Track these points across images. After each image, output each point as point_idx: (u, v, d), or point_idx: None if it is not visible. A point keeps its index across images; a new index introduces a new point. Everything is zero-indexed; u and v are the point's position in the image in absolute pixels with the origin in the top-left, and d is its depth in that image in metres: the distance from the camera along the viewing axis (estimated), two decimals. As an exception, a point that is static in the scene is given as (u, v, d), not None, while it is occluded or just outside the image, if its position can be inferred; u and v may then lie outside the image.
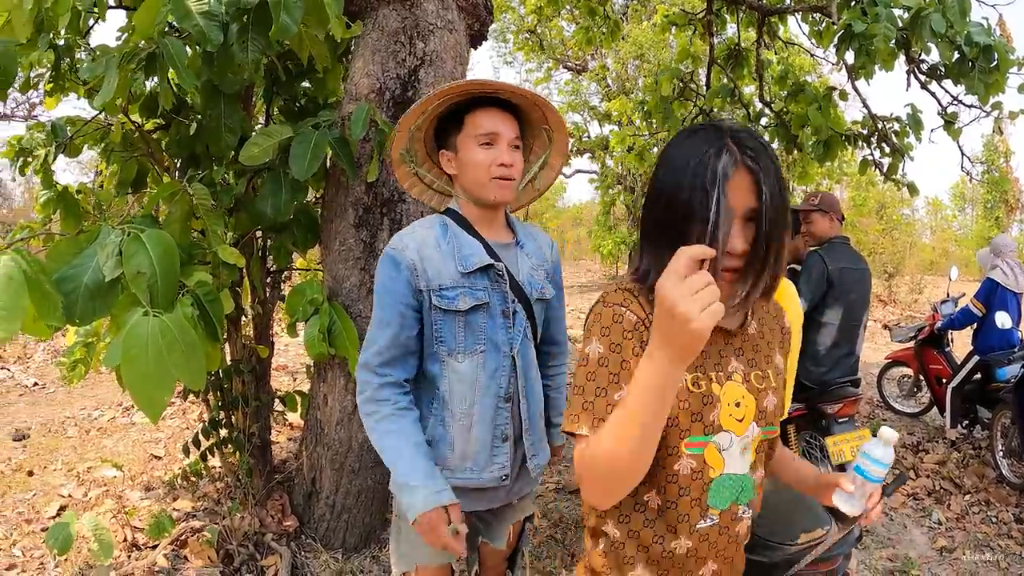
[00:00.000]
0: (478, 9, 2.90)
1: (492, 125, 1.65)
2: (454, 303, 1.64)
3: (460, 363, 1.68)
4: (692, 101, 6.44)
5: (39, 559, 3.28)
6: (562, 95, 19.62)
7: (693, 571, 1.25)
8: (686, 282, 0.88)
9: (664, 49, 14.48)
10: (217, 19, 2.02)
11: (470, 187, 1.69)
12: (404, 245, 1.66)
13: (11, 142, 3.07)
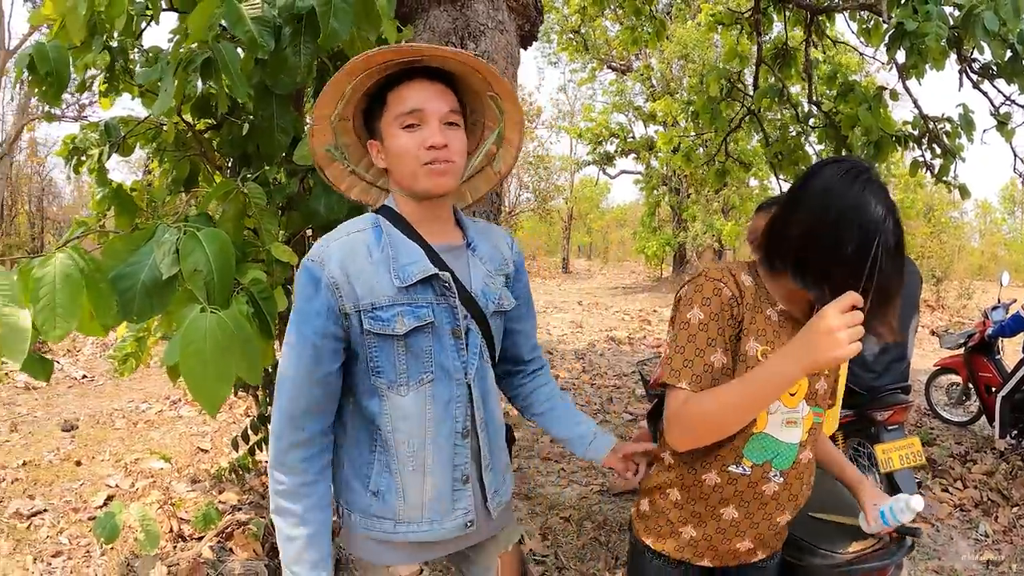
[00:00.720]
0: (528, 9, 2.90)
1: (415, 100, 1.35)
2: (389, 326, 1.34)
3: (403, 397, 1.38)
4: (740, 101, 6.37)
5: (85, 547, 3.37)
6: (606, 95, 19.63)
7: (716, 508, 1.44)
8: (846, 317, 1.13)
9: (709, 49, 14.36)
10: (269, 24, 2.02)
11: (401, 179, 1.40)
12: (325, 256, 1.34)
13: (66, 141, 3.15)
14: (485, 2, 2.72)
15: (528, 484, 4.04)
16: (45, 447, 4.84)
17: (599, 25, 14.96)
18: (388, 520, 1.42)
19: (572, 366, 7.55)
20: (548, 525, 3.55)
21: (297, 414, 1.35)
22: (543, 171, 24.40)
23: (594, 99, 23.01)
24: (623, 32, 7.04)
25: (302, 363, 1.34)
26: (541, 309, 12.22)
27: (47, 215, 18.77)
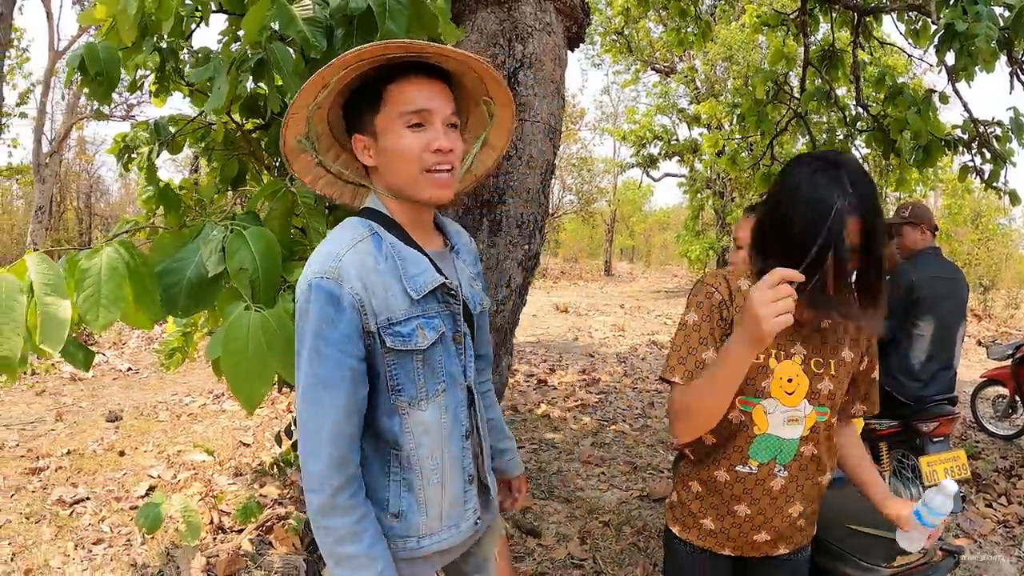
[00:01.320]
0: (575, 11, 2.88)
1: (424, 99, 1.27)
2: (412, 340, 1.28)
3: (424, 412, 1.33)
4: (786, 104, 6.28)
5: (126, 536, 3.44)
6: (650, 97, 19.50)
7: (729, 504, 1.55)
8: (770, 292, 1.17)
9: (754, 50, 14.17)
10: (321, 25, 2.03)
11: (398, 182, 1.32)
12: (342, 271, 1.23)
13: (117, 140, 3.22)
14: (532, 4, 2.70)
15: (568, 487, 4.02)
16: (89, 437, 4.95)
17: (642, 27, 14.87)
18: (412, 538, 1.37)
19: (613, 369, 7.51)
20: (587, 529, 3.53)
21: (343, 453, 1.25)
22: (586, 173, 24.31)
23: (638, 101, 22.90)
24: (668, 33, 6.98)
25: (341, 395, 1.23)
26: (583, 312, 12.17)
27: (95, 211, 19.27)
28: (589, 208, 24.85)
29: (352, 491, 1.26)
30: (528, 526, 3.45)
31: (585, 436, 4.97)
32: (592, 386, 6.47)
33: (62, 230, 16.98)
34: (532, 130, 2.63)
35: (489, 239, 2.59)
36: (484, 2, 2.67)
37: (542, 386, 6.45)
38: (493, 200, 2.60)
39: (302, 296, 1.24)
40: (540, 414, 5.49)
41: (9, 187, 18.49)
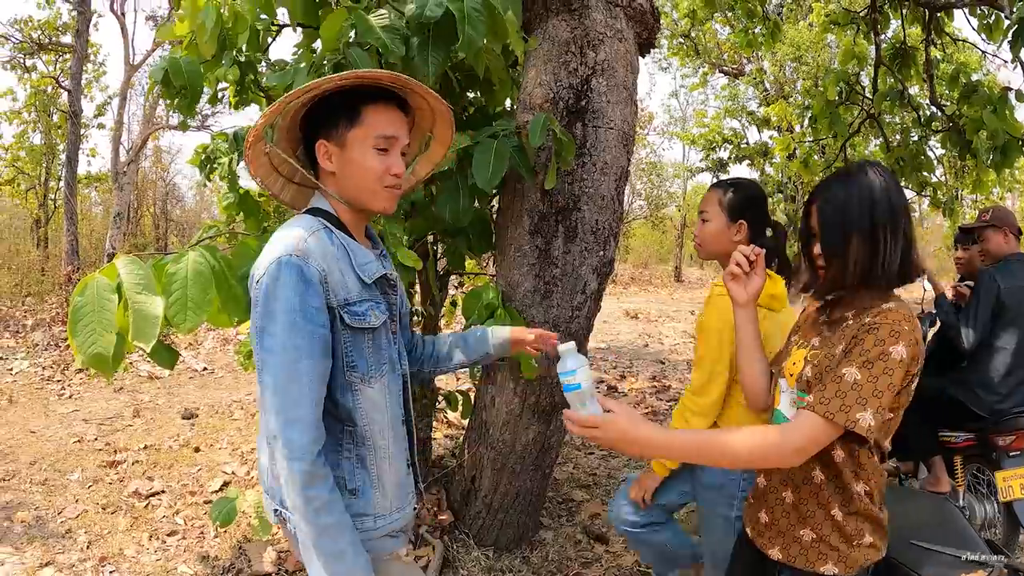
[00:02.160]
0: (645, 17, 2.87)
1: (394, 128, 1.44)
2: (366, 319, 1.41)
3: (372, 388, 1.44)
4: (858, 105, 6.12)
5: (199, 528, 3.55)
6: (719, 100, 19.19)
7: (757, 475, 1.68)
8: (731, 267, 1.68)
9: (823, 50, 13.83)
10: (399, 32, 2.09)
11: (352, 192, 1.45)
12: (308, 250, 1.34)
13: (198, 150, 3.35)
14: (603, 11, 2.71)
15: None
16: (165, 433, 5.12)
17: (709, 29, 14.65)
18: (368, 516, 1.44)
19: (684, 376, 7.40)
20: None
21: (315, 421, 1.33)
22: (655, 178, 24.05)
23: (706, 104, 22.52)
24: (737, 35, 6.88)
25: (313, 364, 1.32)
26: (654, 318, 12.04)
27: (170, 217, 20.10)
28: (659, 213, 24.53)
29: (325, 459, 1.34)
30: (596, 532, 3.43)
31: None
32: (662, 393, 6.39)
33: (139, 235, 17.70)
34: (606, 136, 2.63)
35: (564, 245, 2.61)
36: (555, 10, 2.69)
37: (612, 392, 6.40)
38: (568, 207, 2.62)
39: (269, 274, 1.32)
40: (610, 420, 5.45)
41: (88, 195, 19.35)
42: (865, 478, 1.49)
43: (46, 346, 7.80)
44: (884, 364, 1.35)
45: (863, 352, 1.37)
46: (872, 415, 1.34)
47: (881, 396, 1.35)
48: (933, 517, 1.74)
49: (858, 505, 1.49)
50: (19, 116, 16.08)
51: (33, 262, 12.96)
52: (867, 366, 1.36)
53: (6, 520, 3.59)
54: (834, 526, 1.50)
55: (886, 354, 1.35)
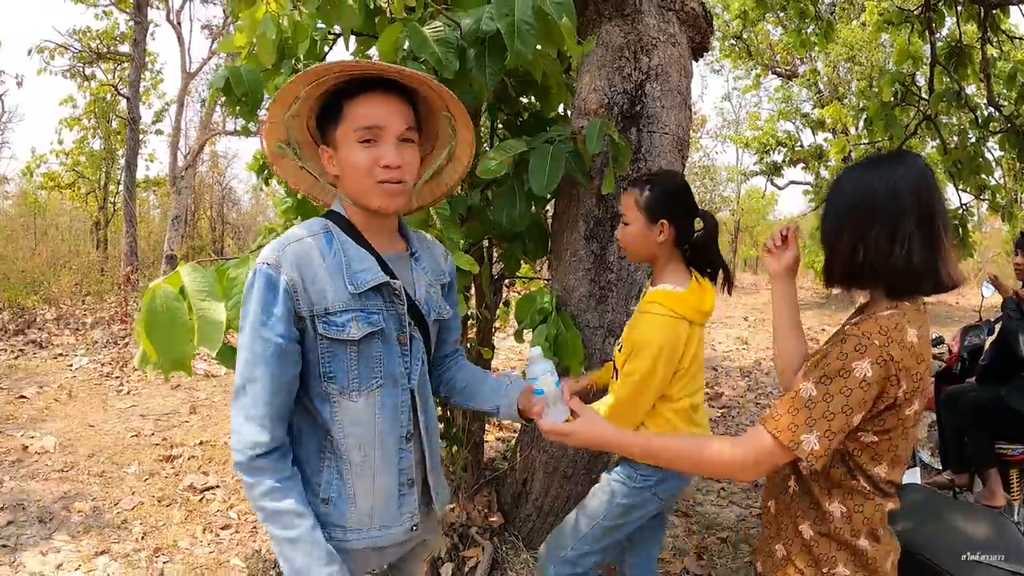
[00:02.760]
0: (698, 20, 2.86)
1: (375, 116, 1.35)
2: (344, 331, 1.35)
3: (355, 403, 1.40)
4: (914, 106, 5.98)
5: (252, 523, 3.64)
6: (772, 102, 18.84)
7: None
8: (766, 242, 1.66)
9: (877, 49, 13.53)
10: (453, 45, 2.11)
11: (352, 192, 1.40)
12: (280, 259, 1.33)
13: (256, 156, 3.43)
14: (655, 15, 2.71)
15: (687, 502, 3.97)
16: (221, 430, 5.25)
17: (761, 30, 14.45)
18: (339, 527, 1.42)
19: (736, 384, 7.32)
20: (704, 544, 3.48)
21: (267, 422, 1.32)
22: (709, 182, 23.64)
23: (759, 107, 22.16)
24: (790, 35, 6.77)
25: (269, 370, 1.31)
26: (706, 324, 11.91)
27: (227, 220, 20.58)
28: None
29: (275, 457, 1.33)
30: (645, 537, 3.44)
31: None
32: (714, 400, 6.33)
33: (196, 237, 18.15)
34: (660, 142, 2.63)
35: (620, 250, 2.61)
36: (608, 16, 2.70)
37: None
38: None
39: (248, 280, 1.35)
40: (661, 426, 5.43)
41: (146, 198, 19.92)
42: (840, 498, 1.37)
43: (105, 343, 8.07)
44: (843, 382, 1.24)
45: (823, 366, 1.27)
46: (818, 439, 1.24)
47: (832, 419, 1.24)
48: (987, 531, 1.70)
49: (830, 527, 1.38)
50: (79, 122, 16.62)
51: (93, 263, 13.39)
52: (824, 382, 1.25)
53: (64, 510, 3.74)
54: (802, 545, 1.41)
55: (847, 371, 1.24)
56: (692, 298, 1.96)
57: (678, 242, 2.01)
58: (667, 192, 1.99)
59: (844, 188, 1.38)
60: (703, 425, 2.12)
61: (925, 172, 1.33)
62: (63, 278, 11.53)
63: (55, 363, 7.19)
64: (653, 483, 2.03)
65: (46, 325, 8.94)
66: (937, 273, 1.32)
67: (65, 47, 14.48)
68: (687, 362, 1.96)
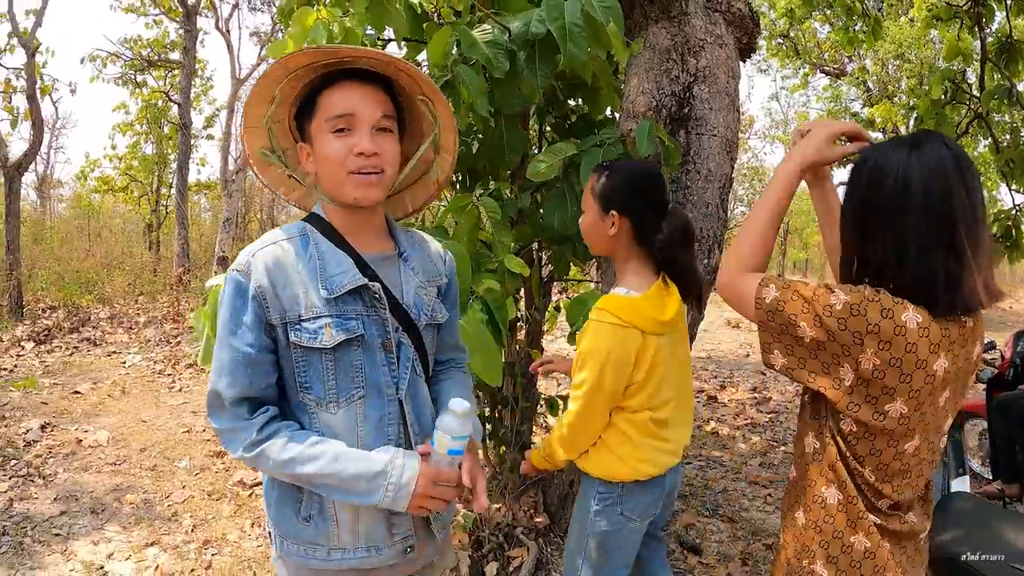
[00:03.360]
0: (745, 21, 2.84)
1: (347, 103, 1.28)
2: (316, 338, 1.26)
3: (334, 415, 1.30)
4: (965, 104, 5.83)
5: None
6: (821, 101, 18.50)
7: None
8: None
9: (927, 46, 13.22)
10: (502, 47, 2.13)
11: (328, 187, 1.33)
12: (250, 265, 1.27)
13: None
14: (702, 17, 2.70)
15: (733, 507, 3.93)
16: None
17: (808, 28, 14.20)
18: (322, 547, 1.34)
19: (785, 388, 7.22)
20: (749, 551, 3.44)
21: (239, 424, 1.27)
22: (757, 183, 23.28)
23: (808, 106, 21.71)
24: (837, 32, 6.67)
25: (239, 379, 1.25)
26: (754, 328, 11.79)
27: (276, 222, 21.02)
28: None
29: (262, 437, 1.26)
30: (690, 543, 3.41)
31: (753, 456, 4.83)
32: (763, 405, 6.26)
33: (247, 239, 18.55)
34: (709, 144, 2.62)
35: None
36: (654, 18, 2.70)
37: (712, 403, 6.32)
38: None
39: (223, 286, 1.31)
40: (709, 431, 5.38)
41: (198, 201, 20.44)
42: (840, 485, 1.26)
43: (157, 342, 8.29)
44: (820, 287, 1.22)
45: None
46: (776, 292, 1.25)
47: (800, 289, 1.23)
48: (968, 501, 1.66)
49: (818, 513, 1.29)
50: (132, 128, 17.11)
51: (145, 264, 13.78)
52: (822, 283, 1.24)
53: (116, 501, 3.86)
54: (793, 534, 1.35)
55: (831, 288, 1.21)
56: (646, 305, 1.74)
57: (639, 239, 1.80)
58: (623, 181, 1.80)
59: (858, 172, 1.26)
60: (673, 440, 1.88)
61: (942, 161, 1.16)
62: (116, 278, 11.90)
63: (109, 360, 7.41)
64: (615, 501, 1.86)
65: (100, 323, 9.22)
66: (957, 286, 1.15)
67: (117, 55, 14.91)
68: (642, 374, 1.75)
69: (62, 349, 7.77)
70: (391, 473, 1.26)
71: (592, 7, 2.00)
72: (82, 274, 11.67)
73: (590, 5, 2.00)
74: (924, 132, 1.21)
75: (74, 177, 20.63)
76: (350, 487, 1.26)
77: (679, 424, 1.91)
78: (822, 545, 1.29)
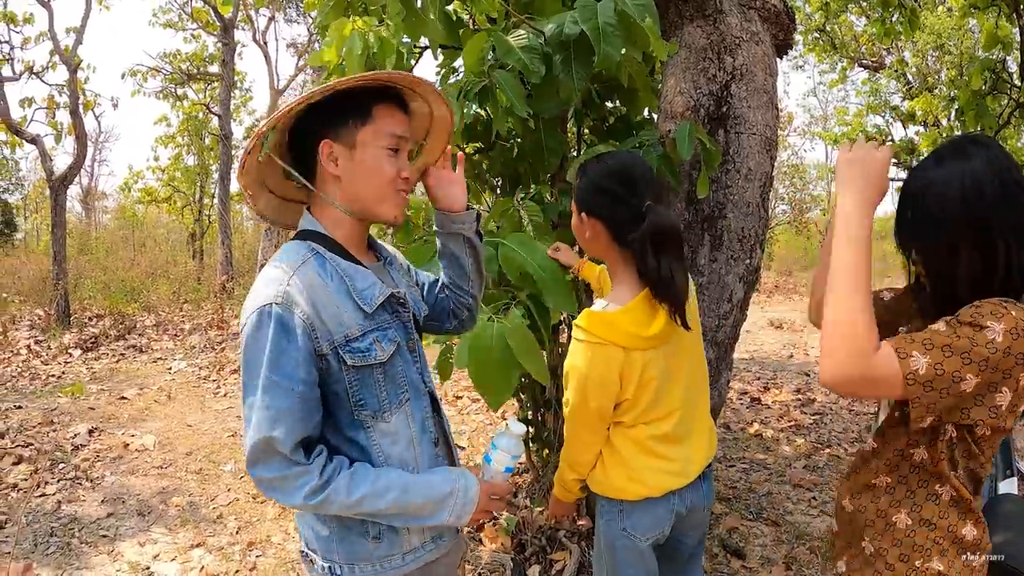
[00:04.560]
0: (780, 17, 2.81)
1: (403, 128, 1.32)
2: (371, 355, 1.27)
3: (389, 423, 1.32)
4: (1006, 94, 5.70)
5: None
6: (860, 96, 18.12)
7: None
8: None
9: (966, 36, 12.90)
10: (538, 52, 2.14)
11: (361, 198, 1.30)
12: (290, 296, 1.20)
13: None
14: (737, 15, 2.68)
15: (777, 510, 3.88)
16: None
17: (844, 21, 13.97)
18: (396, 556, 1.35)
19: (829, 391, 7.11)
20: (793, 555, 3.39)
21: (300, 455, 1.22)
22: (798, 181, 22.87)
23: (847, 101, 21.34)
24: (874, 24, 6.55)
25: (296, 422, 1.19)
26: (799, 328, 11.60)
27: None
28: (803, 218, 23.25)
29: (324, 481, 1.22)
30: (734, 547, 3.38)
31: (798, 458, 4.76)
32: (807, 406, 6.16)
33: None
34: (748, 143, 2.60)
35: (711, 254, 2.60)
36: (689, 17, 2.69)
37: (755, 404, 6.24)
38: (714, 215, 2.61)
39: (251, 323, 1.20)
40: (752, 433, 5.32)
41: (240, 210, 20.80)
42: (952, 485, 1.27)
43: (202, 348, 8.45)
44: (971, 331, 1.11)
45: (948, 320, 1.15)
46: (927, 366, 1.11)
47: (949, 356, 1.10)
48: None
49: (932, 510, 1.29)
50: (173, 140, 17.50)
51: (189, 272, 14.06)
52: (952, 324, 1.14)
53: (162, 504, 3.94)
54: (893, 538, 1.33)
55: (978, 325, 1.11)
56: (625, 320, 1.58)
57: (619, 243, 1.63)
58: (589, 181, 1.65)
59: (917, 198, 1.24)
60: (679, 459, 1.74)
61: (977, 169, 1.17)
62: (161, 287, 12.16)
63: (154, 366, 7.58)
64: (615, 516, 1.76)
65: (146, 331, 9.44)
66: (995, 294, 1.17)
67: (157, 70, 15.27)
68: (631, 391, 1.62)
69: (109, 356, 7.97)
70: (457, 494, 1.32)
71: (626, 5, 1.99)
72: (127, 283, 11.96)
73: (624, 3, 1.99)
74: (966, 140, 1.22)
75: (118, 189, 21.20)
76: (419, 513, 1.30)
77: (689, 438, 1.76)
78: (937, 542, 1.28)
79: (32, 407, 5.75)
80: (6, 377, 6.79)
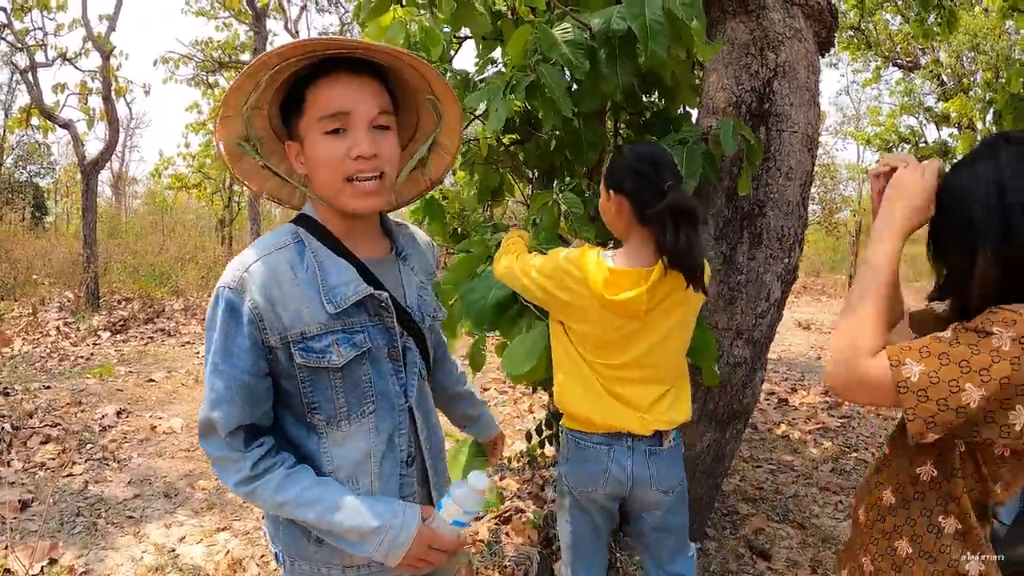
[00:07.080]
0: (823, 14, 2.79)
1: (341, 100, 1.14)
2: (324, 357, 1.18)
3: (344, 432, 1.23)
4: (1047, 96, 5.59)
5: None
6: (893, 96, 17.88)
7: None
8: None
9: (1003, 37, 12.68)
10: (583, 46, 2.12)
11: (322, 192, 1.21)
12: (244, 282, 1.15)
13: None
14: (780, 11, 2.66)
15: (803, 513, 3.86)
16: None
17: (879, 19, 13.77)
18: (336, 566, 1.28)
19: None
20: (819, 558, 3.38)
21: (236, 455, 1.19)
22: (829, 181, 22.57)
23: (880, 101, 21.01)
24: (912, 24, 6.44)
25: (235, 410, 1.16)
26: (827, 330, 11.47)
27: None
28: (833, 218, 22.94)
29: (256, 474, 1.18)
30: (759, 548, 3.36)
31: (825, 461, 4.72)
32: (834, 409, 6.10)
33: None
34: (790, 140, 2.58)
35: (750, 252, 2.58)
36: (732, 12, 2.67)
37: (782, 405, 6.20)
38: (754, 212, 2.59)
39: (212, 303, 1.18)
40: (779, 434, 5.29)
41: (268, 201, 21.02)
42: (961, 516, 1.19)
43: (230, 334, 8.54)
44: (975, 337, 1.05)
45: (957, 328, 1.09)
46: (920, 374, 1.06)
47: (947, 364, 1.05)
48: None
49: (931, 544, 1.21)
50: (204, 127, 17.63)
51: (218, 258, 14.18)
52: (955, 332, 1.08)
53: (188, 487, 3.99)
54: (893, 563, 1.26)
55: (984, 331, 1.04)
56: (602, 278, 1.70)
57: (640, 219, 1.74)
58: (622, 162, 1.79)
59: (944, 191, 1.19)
60: (633, 402, 1.84)
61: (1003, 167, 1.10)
62: (190, 272, 12.30)
63: (182, 350, 7.68)
64: (563, 473, 1.95)
65: (174, 315, 9.55)
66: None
67: (188, 57, 15.38)
68: (577, 322, 1.79)
69: (137, 339, 8.08)
70: (387, 531, 1.19)
71: (674, 4, 1.97)
72: (156, 267, 12.10)
73: (672, 3, 1.97)
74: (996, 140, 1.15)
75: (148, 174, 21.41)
76: (346, 537, 1.20)
77: (646, 385, 1.85)
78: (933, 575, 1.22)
79: (61, 388, 5.84)
80: (35, 357, 6.91)
